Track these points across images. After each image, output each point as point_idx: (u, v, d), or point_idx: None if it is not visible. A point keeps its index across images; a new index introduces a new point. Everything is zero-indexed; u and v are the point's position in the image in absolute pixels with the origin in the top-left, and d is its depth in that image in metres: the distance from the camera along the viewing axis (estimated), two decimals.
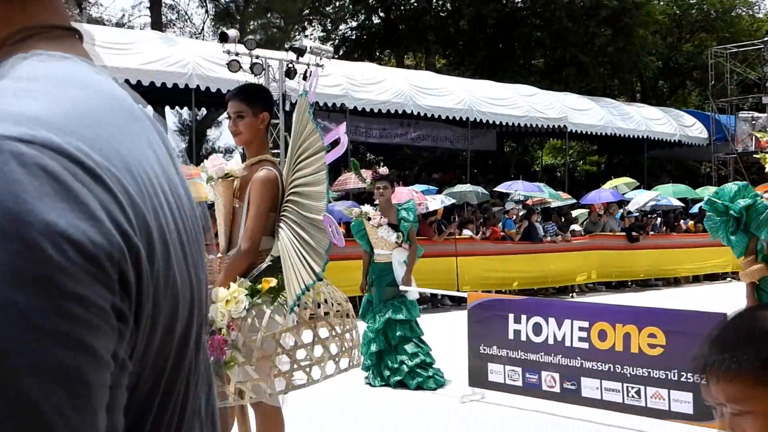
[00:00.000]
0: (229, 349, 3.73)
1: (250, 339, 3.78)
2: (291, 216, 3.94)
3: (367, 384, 7.99)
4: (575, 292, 17.71)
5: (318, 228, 3.82)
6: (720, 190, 5.74)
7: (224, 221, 4.07)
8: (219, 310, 3.74)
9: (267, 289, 3.85)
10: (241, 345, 3.77)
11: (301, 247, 3.82)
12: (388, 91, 20.27)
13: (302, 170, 3.97)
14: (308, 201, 3.89)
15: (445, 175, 26.44)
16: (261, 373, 3.80)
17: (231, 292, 3.77)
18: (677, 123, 28.34)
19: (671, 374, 5.89)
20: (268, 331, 3.80)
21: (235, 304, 3.74)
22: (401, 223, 8.03)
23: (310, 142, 3.98)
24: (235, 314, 3.75)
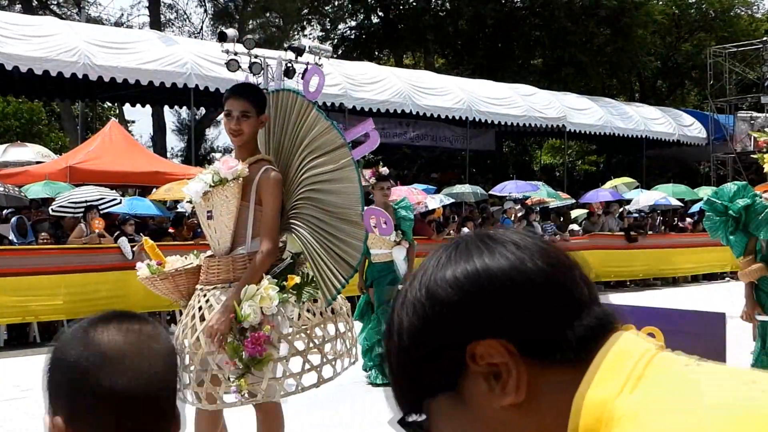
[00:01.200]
0: (268, 346, 3.74)
1: (282, 335, 3.80)
2: (310, 213, 3.98)
3: (369, 384, 7.97)
4: None
5: (349, 221, 3.89)
6: (719, 190, 5.74)
7: (233, 222, 4.05)
8: (253, 307, 3.75)
9: (292, 286, 3.87)
10: (276, 341, 3.78)
11: (330, 242, 3.87)
12: (387, 90, 20.29)
13: (319, 167, 3.99)
14: (334, 197, 3.94)
15: (444, 175, 26.46)
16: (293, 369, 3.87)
17: (263, 289, 3.78)
18: (676, 123, 28.37)
19: None
20: (299, 327, 3.84)
21: (269, 301, 3.76)
22: (402, 222, 8.02)
23: (326, 140, 3.99)
24: (267, 311, 3.77)
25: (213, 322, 3.80)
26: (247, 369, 3.73)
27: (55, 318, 11.46)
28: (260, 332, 3.72)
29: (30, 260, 11.09)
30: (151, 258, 4.32)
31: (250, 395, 3.81)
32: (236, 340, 3.72)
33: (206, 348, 3.82)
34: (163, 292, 4.24)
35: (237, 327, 3.76)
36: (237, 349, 3.71)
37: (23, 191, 13.67)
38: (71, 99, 24.41)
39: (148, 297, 11.92)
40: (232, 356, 3.73)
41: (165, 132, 28.17)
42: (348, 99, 19.29)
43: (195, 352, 3.89)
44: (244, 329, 3.75)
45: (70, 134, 28.08)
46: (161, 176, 14.85)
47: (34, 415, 6.86)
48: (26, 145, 20.65)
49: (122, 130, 17.33)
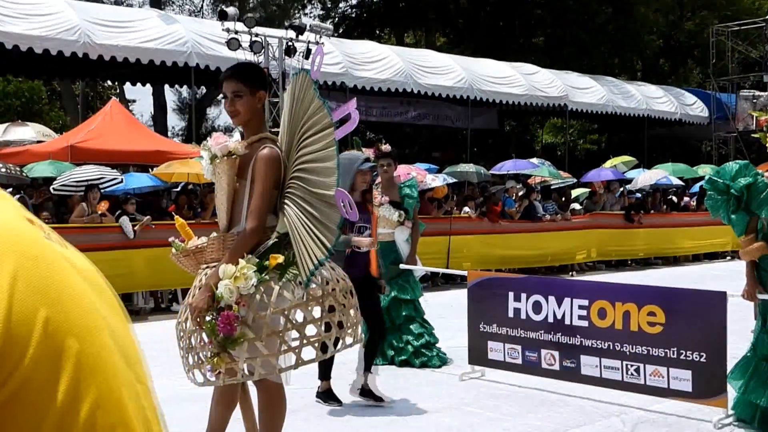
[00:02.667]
0: (239, 326, 3.75)
1: (259, 315, 3.80)
2: (297, 192, 3.95)
3: None
4: (575, 271, 17.73)
5: (328, 204, 3.84)
6: (721, 169, 5.73)
7: (226, 199, 4.07)
8: (228, 286, 3.75)
9: (274, 266, 3.86)
10: (250, 321, 3.79)
11: (311, 223, 3.84)
12: (388, 69, 20.23)
13: (309, 147, 3.97)
14: (317, 177, 3.90)
15: (445, 154, 26.41)
16: (270, 349, 3.83)
17: (240, 269, 3.78)
18: (678, 101, 28.29)
19: (670, 352, 5.90)
20: (278, 307, 3.82)
21: (245, 281, 3.76)
22: (405, 201, 8.01)
23: (317, 119, 3.97)
24: (244, 291, 3.77)
25: (193, 301, 3.84)
26: (221, 348, 3.75)
27: None
28: (230, 312, 3.73)
29: None
30: (181, 236, 4.33)
31: (227, 374, 3.83)
32: (213, 320, 3.74)
33: (190, 327, 3.85)
34: (189, 269, 4.27)
35: (215, 306, 3.78)
36: (213, 328, 3.73)
37: (27, 171, 13.64)
38: (71, 78, 24.34)
39: (150, 276, 11.98)
40: (209, 335, 3.76)
41: (166, 111, 28.11)
42: (349, 78, 19.22)
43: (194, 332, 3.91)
44: (221, 309, 3.77)
45: (70, 113, 28.02)
46: (162, 155, 14.82)
47: None
48: (27, 125, 20.60)
49: (123, 109, 17.28)
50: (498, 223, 16.40)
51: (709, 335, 5.80)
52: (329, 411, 6.25)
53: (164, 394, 6.83)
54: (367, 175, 5.31)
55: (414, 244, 8.09)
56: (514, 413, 6.17)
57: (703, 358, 5.79)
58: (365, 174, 5.46)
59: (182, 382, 6.70)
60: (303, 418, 5.97)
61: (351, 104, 4.08)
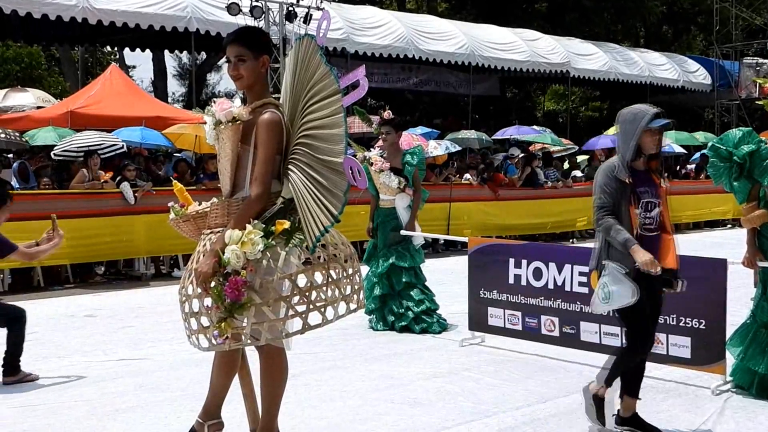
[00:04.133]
0: (247, 291, 3.75)
1: (265, 280, 3.81)
2: (303, 159, 3.93)
3: (370, 328, 8.05)
4: (575, 238, 17.75)
5: (335, 170, 3.82)
6: (724, 136, 5.71)
7: (230, 165, 4.05)
8: (235, 252, 3.76)
9: (280, 231, 3.86)
10: (257, 286, 3.79)
11: (316, 189, 3.83)
12: (389, 35, 20.10)
13: (315, 113, 3.94)
14: (323, 144, 3.87)
15: (446, 121, 26.33)
16: (276, 315, 3.85)
17: (246, 234, 3.78)
18: (681, 69, 28.13)
19: (670, 319, 5.92)
20: (284, 272, 3.84)
21: (251, 246, 3.76)
22: (405, 168, 8.00)
23: (323, 85, 3.94)
24: (251, 256, 3.77)
25: (199, 266, 3.84)
26: (228, 313, 3.76)
27: (58, 263, 11.50)
28: (238, 277, 3.74)
29: (32, 205, 11.07)
30: (180, 201, 4.32)
31: (233, 339, 3.85)
32: (219, 285, 3.75)
33: (196, 291, 3.86)
34: (188, 234, 4.27)
35: (221, 272, 3.78)
36: (220, 293, 3.74)
37: (29, 138, 13.58)
38: (71, 44, 24.18)
39: (149, 241, 12.00)
40: (215, 300, 3.77)
41: (166, 77, 27.98)
42: (350, 44, 19.11)
43: (198, 297, 3.92)
44: (228, 274, 3.77)
45: (69, 79, 27.88)
46: (163, 121, 14.78)
47: (39, 356, 6.93)
48: (27, 90, 20.50)
49: (123, 75, 17.20)
50: (497, 193, 16.38)
51: (708, 302, 5.81)
52: (330, 376, 6.28)
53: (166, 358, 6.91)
54: (657, 135, 4.73)
55: (414, 211, 8.09)
56: (514, 379, 6.21)
57: (702, 325, 5.81)
58: (654, 134, 4.71)
59: (184, 347, 6.75)
60: (303, 383, 6.01)
61: (360, 71, 4.05)
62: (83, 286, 11.46)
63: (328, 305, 4.01)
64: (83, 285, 11.58)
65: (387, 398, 5.68)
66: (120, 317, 9.02)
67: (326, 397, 5.71)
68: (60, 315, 9.12)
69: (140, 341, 7.69)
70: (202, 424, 4.26)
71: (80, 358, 7.02)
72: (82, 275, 11.94)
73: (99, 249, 11.78)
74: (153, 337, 7.81)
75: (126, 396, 5.79)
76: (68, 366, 6.73)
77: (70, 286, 11.43)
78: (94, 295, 10.66)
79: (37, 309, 9.62)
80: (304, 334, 3.95)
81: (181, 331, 4.11)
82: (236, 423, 4.60)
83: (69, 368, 6.64)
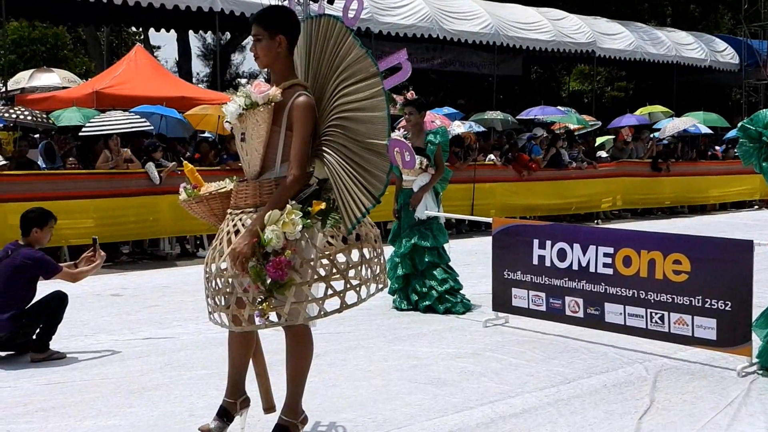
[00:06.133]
0: (289, 270, 3.78)
1: (305, 260, 3.83)
2: (339, 141, 3.94)
3: (394, 308, 8.07)
4: (600, 219, 17.67)
5: (374, 152, 3.83)
6: (755, 116, 5.65)
7: (256, 148, 4.05)
8: (276, 232, 3.77)
9: (317, 212, 3.88)
10: (298, 266, 3.81)
11: (356, 171, 3.85)
12: (414, 15, 20.00)
13: (352, 95, 3.94)
14: (363, 126, 3.88)
15: (470, 102, 26.21)
16: (316, 294, 3.90)
17: (287, 214, 3.80)
18: (708, 48, 27.78)
19: (695, 300, 5.89)
20: (323, 252, 3.86)
21: (292, 226, 3.78)
22: (428, 147, 7.98)
23: (360, 68, 3.93)
24: (291, 236, 3.79)
25: (237, 246, 3.84)
26: (269, 293, 3.78)
27: (85, 242, 11.58)
28: (281, 257, 3.75)
29: (59, 185, 11.18)
30: (191, 182, 4.34)
31: (273, 318, 3.87)
32: (259, 265, 3.76)
33: (231, 271, 3.87)
34: (200, 216, 4.29)
35: (260, 252, 3.79)
36: (260, 273, 3.75)
37: (54, 119, 13.66)
38: (96, 24, 24.27)
39: (175, 221, 12.07)
40: (255, 280, 3.77)
41: (190, 57, 27.98)
42: (374, 23, 19.03)
43: (223, 276, 3.94)
44: (267, 254, 3.78)
45: (95, 60, 27.99)
46: (188, 101, 14.82)
47: (66, 335, 7.01)
48: (52, 71, 20.61)
49: (148, 55, 17.24)
50: (522, 174, 16.33)
51: (734, 284, 5.77)
52: (354, 356, 6.31)
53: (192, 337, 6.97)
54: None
55: (428, 186, 7.98)
56: (537, 359, 6.20)
57: (728, 307, 5.77)
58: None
59: (209, 326, 6.80)
60: (328, 362, 6.04)
61: (402, 54, 4.03)
62: (109, 266, 11.54)
63: (362, 284, 4.05)
64: (109, 264, 11.67)
65: (411, 378, 5.70)
66: (146, 296, 9.09)
67: (350, 377, 5.74)
68: (87, 294, 9.21)
69: (166, 320, 7.75)
70: (234, 402, 4.30)
71: (106, 336, 7.09)
72: (109, 255, 12.03)
73: (125, 229, 11.88)
74: (179, 317, 7.88)
75: (152, 374, 5.85)
76: (95, 344, 6.80)
77: None
78: (120, 275, 10.75)
79: (64, 288, 9.71)
80: (341, 313, 3.99)
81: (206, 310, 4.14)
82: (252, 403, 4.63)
83: (95, 347, 6.72)
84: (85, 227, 11.33)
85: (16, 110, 13.29)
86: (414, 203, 7.97)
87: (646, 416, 4.89)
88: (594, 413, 4.96)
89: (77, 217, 11.27)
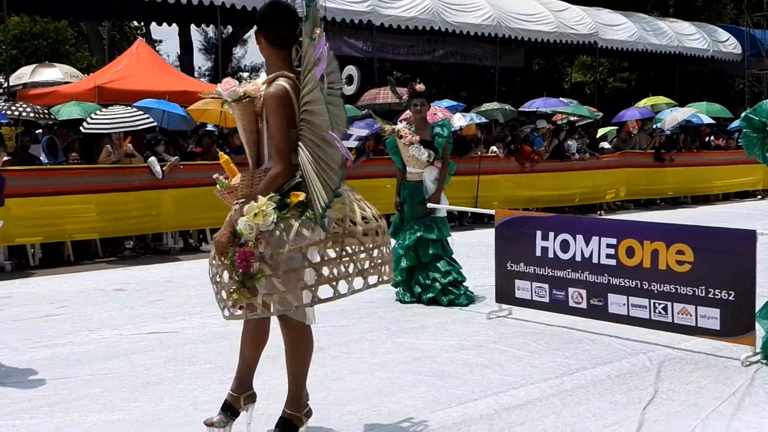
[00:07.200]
0: (257, 262, 3.78)
1: (277, 252, 3.82)
2: (305, 134, 3.91)
3: (397, 300, 8.07)
4: (603, 210, 17.65)
5: (327, 143, 3.82)
6: (758, 107, 5.64)
7: (247, 143, 4.08)
8: (247, 223, 3.78)
9: (295, 203, 3.87)
10: (268, 258, 3.81)
11: (317, 163, 3.83)
12: (415, 7, 19.94)
13: (305, 87, 3.93)
14: (317, 119, 3.86)
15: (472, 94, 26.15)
16: (288, 286, 3.86)
17: (259, 206, 3.80)
18: (711, 38, 27.69)
19: (699, 290, 5.89)
20: (295, 245, 3.83)
21: (263, 218, 3.79)
22: (435, 140, 7.98)
23: (308, 58, 3.91)
24: (263, 227, 3.80)
25: (217, 235, 3.92)
26: (241, 284, 3.79)
27: (88, 237, 11.62)
28: (246, 248, 3.76)
29: (62, 180, 11.18)
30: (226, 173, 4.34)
31: (248, 308, 3.90)
32: (233, 255, 3.79)
33: (215, 261, 3.92)
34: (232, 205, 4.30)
35: (237, 242, 3.82)
36: (233, 264, 3.79)
37: (55, 113, 13.64)
38: (98, 19, 24.25)
39: (178, 216, 12.08)
40: (230, 270, 3.80)
41: (192, 51, 27.96)
42: (376, 16, 18.98)
43: (212, 264, 3.98)
44: (243, 245, 3.81)
45: (96, 54, 27.97)
46: (190, 95, 14.78)
47: (70, 330, 7.02)
48: (54, 66, 20.56)
49: (149, 50, 17.22)
50: (525, 166, 16.33)
51: (738, 274, 5.77)
52: (358, 348, 6.31)
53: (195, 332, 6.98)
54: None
55: (440, 183, 8.07)
56: (541, 351, 6.20)
57: (731, 297, 5.76)
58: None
59: (213, 320, 6.82)
60: (331, 355, 6.05)
61: (321, 43, 3.92)
62: (113, 261, 11.57)
63: (340, 279, 3.98)
64: (113, 259, 11.69)
65: (414, 370, 5.71)
66: (149, 291, 9.10)
67: (354, 370, 5.74)
68: (90, 289, 9.22)
69: (169, 315, 7.76)
70: (238, 397, 4.29)
71: (110, 331, 7.10)
72: (112, 250, 12.06)
73: (128, 223, 11.88)
74: (182, 311, 7.88)
75: (156, 369, 5.86)
76: (98, 339, 6.81)
77: (99, 261, 11.54)
78: (123, 270, 10.76)
79: (68, 283, 9.74)
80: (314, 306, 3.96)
81: (210, 304, 4.15)
82: (265, 395, 4.64)
83: (99, 342, 6.73)
84: (88, 223, 11.34)
85: (18, 107, 13.28)
86: (434, 202, 7.99)
87: (650, 406, 4.89)
88: (598, 404, 4.96)
89: (80, 212, 11.28)
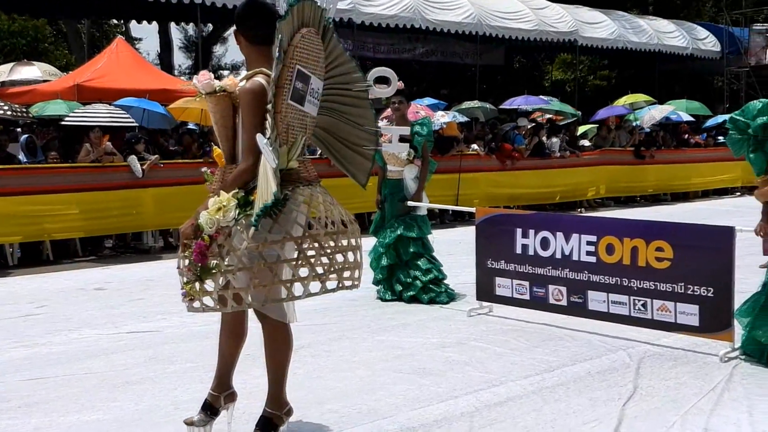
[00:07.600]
0: (213, 257, 3.79)
1: (233, 248, 3.81)
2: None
3: (378, 298, 8.07)
4: (584, 207, 17.72)
5: None
6: (745, 108, 5.66)
7: (220, 137, 4.07)
8: (207, 217, 3.78)
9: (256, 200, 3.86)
10: (225, 253, 3.81)
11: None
12: (396, 5, 19.93)
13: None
14: None
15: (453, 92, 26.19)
16: (241, 284, 3.86)
17: (221, 201, 3.80)
18: (690, 36, 27.86)
19: (678, 287, 5.93)
20: (254, 242, 3.80)
21: (225, 213, 3.78)
22: (415, 138, 7.98)
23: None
24: (224, 223, 3.79)
25: (181, 227, 3.93)
26: (197, 277, 3.80)
27: (68, 236, 11.55)
28: (200, 241, 3.77)
29: (41, 179, 11.11)
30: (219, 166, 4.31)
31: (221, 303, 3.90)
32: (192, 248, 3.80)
33: (180, 253, 3.93)
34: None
35: (199, 235, 3.83)
36: (190, 256, 3.81)
37: (39, 110, 13.52)
38: (77, 17, 24.09)
39: (158, 214, 12.03)
40: (189, 263, 3.83)
41: (172, 49, 27.85)
42: (356, 14, 18.97)
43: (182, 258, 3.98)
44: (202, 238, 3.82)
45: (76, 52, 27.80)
46: (170, 93, 14.72)
47: (49, 330, 6.98)
48: (33, 64, 20.39)
49: (129, 48, 17.13)
50: (506, 164, 16.38)
51: (716, 270, 5.81)
52: (338, 347, 6.31)
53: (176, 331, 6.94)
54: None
55: (421, 182, 8.08)
56: (521, 348, 6.22)
57: (710, 293, 5.81)
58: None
59: (193, 320, 6.79)
60: (311, 353, 6.04)
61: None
62: (92, 260, 11.51)
63: (296, 281, 3.92)
64: (93, 258, 11.63)
65: (395, 368, 5.71)
66: (129, 290, 9.06)
67: (335, 368, 5.74)
68: (70, 288, 9.17)
69: (150, 314, 7.73)
70: (218, 396, 4.28)
71: (90, 331, 7.06)
72: (92, 249, 11.99)
73: (108, 222, 11.82)
74: (162, 310, 7.85)
75: (136, 368, 5.83)
76: (78, 339, 6.78)
77: (79, 260, 11.48)
78: (103, 269, 10.71)
79: (47, 282, 9.68)
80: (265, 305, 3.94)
81: None
82: (246, 393, 4.63)
83: (79, 341, 6.69)
84: (67, 222, 11.27)
85: None
86: (417, 201, 7.99)
87: (630, 402, 4.91)
88: (578, 400, 4.98)
89: (60, 211, 11.21)
